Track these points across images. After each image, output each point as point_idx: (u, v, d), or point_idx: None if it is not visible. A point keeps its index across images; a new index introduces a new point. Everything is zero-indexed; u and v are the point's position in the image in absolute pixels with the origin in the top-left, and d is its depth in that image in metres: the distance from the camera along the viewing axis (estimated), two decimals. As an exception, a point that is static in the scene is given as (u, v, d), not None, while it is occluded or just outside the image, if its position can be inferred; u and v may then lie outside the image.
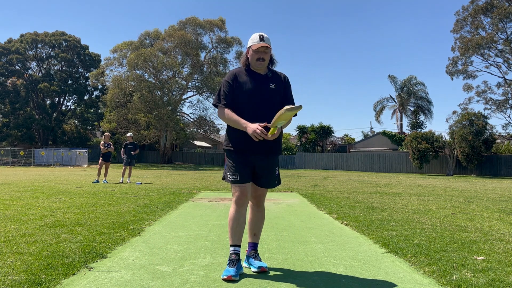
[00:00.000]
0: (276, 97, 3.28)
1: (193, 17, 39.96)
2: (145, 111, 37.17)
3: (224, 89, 3.25)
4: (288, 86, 3.41)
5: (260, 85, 3.25)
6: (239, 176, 3.20)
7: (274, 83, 3.30)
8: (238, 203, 3.21)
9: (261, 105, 3.23)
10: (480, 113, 30.85)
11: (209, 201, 8.13)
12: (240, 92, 3.23)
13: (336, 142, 46.94)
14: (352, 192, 10.77)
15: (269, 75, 3.32)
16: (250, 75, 3.29)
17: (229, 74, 3.32)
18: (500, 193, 11.61)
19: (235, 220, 3.20)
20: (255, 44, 3.21)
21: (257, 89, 3.23)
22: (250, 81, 3.25)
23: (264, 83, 3.27)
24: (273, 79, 3.32)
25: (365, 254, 3.81)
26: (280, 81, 3.34)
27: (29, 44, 47.80)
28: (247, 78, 3.26)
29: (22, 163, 36.20)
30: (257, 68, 3.27)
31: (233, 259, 3.11)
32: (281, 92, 3.32)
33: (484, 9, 33.65)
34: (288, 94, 3.38)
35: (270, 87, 3.27)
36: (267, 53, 3.24)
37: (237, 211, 3.21)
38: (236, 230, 3.20)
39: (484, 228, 5.20)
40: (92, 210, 6.30)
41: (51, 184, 12.03)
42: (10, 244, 3.84)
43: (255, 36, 3.25)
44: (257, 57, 3.22)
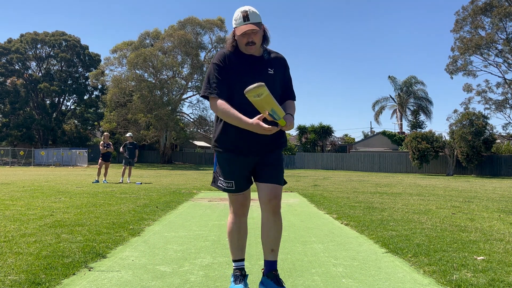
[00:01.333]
0: (276, 85, 2.65)
1: (193, 17, 39.97)
2: (145, 111, 37.18)
3: (215, 74, 2.58)
4: (288, 71, 2.81)
5: (256, 71, 2.61)
6: (234, 184, 2.66)
7: (272, 67, 2.67)
8: (237, 214, 2.76)
9: None
10: (480, 113, 30.86)
11: (209, 201, 8.13)
12: (232, 78, 2.59)
13: (336, 142, 46.97)
14: (352, 192, 10.77)
15: (265, 57, 2.67)
16: (241, 57, 2.62)
17: (218, 56, 2.63)
18: (500, 193, 11.61)
19: (235, 233, 2.75)
20: (239, 27, 2.54)
21: (253, 75, 2.57)
22: (243, 65, 2.60)
23: (260, 68, 2.63)
24: (271, 63, 2.68)
25: (365, 254, 3.81)
26: (279, 65, 2.72)
27: (29, 44, 47.81)
28: (238, 61, 2.61)
29: (22, 163, 36.19)
30: (249, 52, 2.63)
31: (238, 275, 2.71)
32: (280, 78, 2.71)
33: (483, 9, 33.66)
34: (289, 82, 2.79)
35: (268, 72, 2.63)
36: (257, 33, 2.56)
37: (237, 222, 2.76)
38: (238, 244, 2.75)
39: (484, 228, 5.19)
40: (92, 210, 6.30)
41: (51, 184, 12.02)
42: (10, 244, 3.84)
43: (238, 14, 2.57)
44: (246, 42, 2.57)
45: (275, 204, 2.64)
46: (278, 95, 2.67)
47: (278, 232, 2.69)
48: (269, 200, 2.63)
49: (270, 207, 2.63)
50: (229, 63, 2.59)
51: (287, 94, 2.78)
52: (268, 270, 2.67)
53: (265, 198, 2.63)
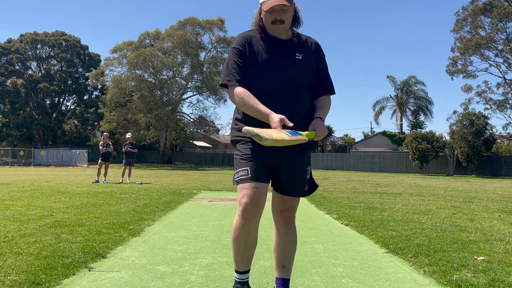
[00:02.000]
0: (305, 73, 2.30)
1: (193, 17, 39.99)
2: (145, 111, 37.18)
3: (235, 59, 2.27)
4: (323, 58, 2.40)
5: (283, 55, 2.28)
6: (249, 171, 2.21)
7: (302, 52, 2.31)
8: (246, 217, 2.20)
9: (284, 85, 2.25)
10: (481, 113, 30.87)
11: (209, 201, 8.13)
12: (253, 65, 2.27)
13: (336, 142, 47.00)
14: (352, 192, 10.77)
15: (294, 40, 2.32)
16: (266, 40, 2.29)
17: (239, 39, 2.32)
18: (500, 193, 11.61)
19: (241, 241, 2.28)
20: (266, 2, 2.20)
21: (278, 61, 2.26)
22: (268, 49, 2.27)
23: (287, 53, 2.29)
24: (300, 47, 2.32)
25: (365, 254, 3.81)
26: (310, 50, 2.34)
27: (29, 44, 47.83)
28: (262, 44, 2.28)
29: (22, 163, 36.19)
30: (276, 33, 2.29)
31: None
32: (311, 66, 2.34)
33: (483, 9, 33.67)
34: (324, 71, 2.39)
35: (296, 57, 2.29)
36: (287, 11, 2.22)
37: (245, 227, 2.23)
38: (244, 255, 2.32)
39: (484, 228, 5.19)
40: (92, 210, 6.30)
41: (51, 184, 12.02)
42: (10, 244, 3.84)
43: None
44: (272, 19, 2.22)
45: (288, 216, 2.32)
46: (309, 84, 2.33)
47: (290, 246, 2.35)
48: (281, 211, 2.33)
49: (282, 218, 2.33)
50: (250, 47, 2.27)
51: (322, 86, 2.38)
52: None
53: (277, 208, 2.34)
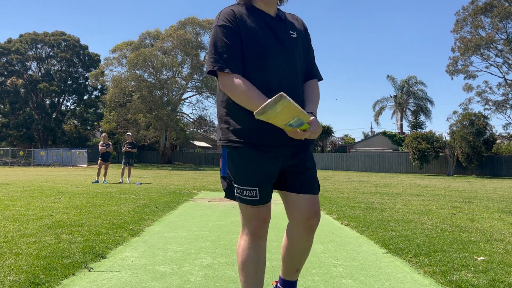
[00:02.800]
0: (300, 54, 1.99)
1: (193, 17, 40.02)
2: (144, 111, 37.18)
3: (224, 39, 1.84)
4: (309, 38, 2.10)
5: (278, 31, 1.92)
6: (259, 193, 1.90)
7: (295, 29, 1.99)
8: (258, 235, 1.97)
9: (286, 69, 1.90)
10: (481, 113, 30.88)
11: (209, 202, 8.12)
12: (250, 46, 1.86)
13: (336, 142, 47.00)
14: (352, 192, 10.77)
15: (282, 16, 1.98)
16: (257, 15, 1.90)
17: (226, 14, 1.87)
18: (501, 194, 11.61)
19: (253, 261, 1.95)
20: None
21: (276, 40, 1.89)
22: (262, 26, 1.88)
23: (282, 30, 1.94)
24: (291, 24, 1.99)
25: (365, 255, 3.80)
26: (300, 29, 2.03)
27: (29, 44, 47.84)
28: (253, 19, 1.88)
29: (22, 163, 36.19)
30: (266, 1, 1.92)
31: None
32: (305, 46, 2.04)
33: (484, 9, 33.68)
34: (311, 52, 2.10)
35: (291, 36, 1.95)
36: None
37: (257, 247, 1.96)
38: (256, 278, 1.95)
39: (484, 229, 5.19)
40: (92, 210, 6.30)
41: (51, 184, 12.02)
42: (10, 245, 3.83)
43: None
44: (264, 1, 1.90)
45: (314, 222, 1.97)
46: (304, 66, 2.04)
47: (308, 252, 2.11)
48: (308, 217, 1.96)
49: (308, 225, 1.97)
50: (241, 23, 1.85)
51: (310, 68, 2.06)
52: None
53: (303, 216, 1.96)
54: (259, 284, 1.96)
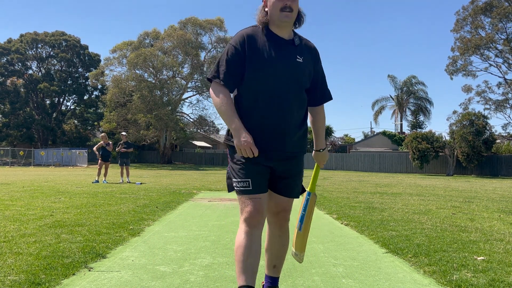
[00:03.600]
0: (305, 78, 2.23)
1: (193, 17, 40.01)
2: (145, 111, 37.18)
3: (229, 57, 2.16)
4: (320, 64, 2.34)
5: (284, 56, 2.17)
6: (251, 183, 2.17)
7: (302, 55, 2.22)
8: (251, 223, 2.17)
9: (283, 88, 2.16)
10: (480, 113, 30.88)
11: (209, 201, 8.13)
12: (255, 64, 2.15)
13: (336, 142, 46.99)
14: (352, 192, 10.77)
15: (296, 41, 2.22)
16: (269, 38, 2.18)
17: (238, 37, 2.19)
18: (500, 193, 11.61)
19: (246, 249, 2.14)
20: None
21: (278, 62, 2.15)
22: (269, 48, 2.15)
23: (288, 54, 2.18)
24: (301, 50, 2.23)
25: (365, 254, 3.81)
26: (309, 55, 2.26)
27: (29, 44, 47.84)
28: (266, 43, 2.16)
29: (22, 163, 36.19)
30: (283, 24, 2.17)
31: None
32: (310, 71, 2.27)
33: (484, 9, 33.67)
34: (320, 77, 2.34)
35: (297, 60, 2.19)
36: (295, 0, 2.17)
37: (250, 234, 2.16)
38: (248, 264, 2.12)
39: (484, 228, 5.19)
40: (92, 210, 6.30)
41: (51, 184, 12.02)
42: (10, 244, 3.84)
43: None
44: (282, 5, 2.13)
45: (283, 217, 2.35)
46: (305, 88, 2.27)
47: (283, 248, 2.38)
48: (277, 212, 2.33)
49: (278, 220, 2.34)
50: (250, 46, 2.15)
51: (320, 94, 2.37)
52: (268, 285, 2.41)
53: (273, 210, 2.33)
54: (251, 270, 2.12)
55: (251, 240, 2.15)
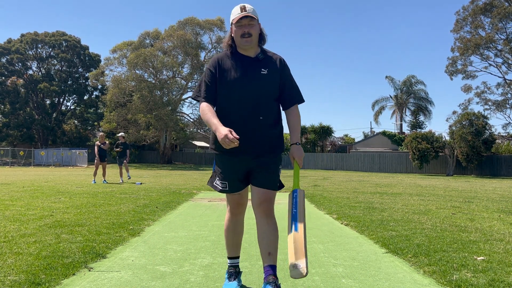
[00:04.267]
0: (270, 86, 2.65)
1: (193, 17, 39.99)
2: (145, 111, 37.17)
3: (206, 79, 2.67)
4: (287, 72, 2.72)
5: (248, 71, 2.61)
6: (228, 185, 2.71)
7: (267, 67, 2.64)
8: (234, 213, 2.83)
9: (250, 97, 2.59)
10: (480, 113, 30.88)
11: (209, 201, 8.13)
12: (223, 81, 2.63)
13: (336, 142, 47.00)
14: (352, 192, 10.77)
15: (260, 57, 2.66)
16: (235, 58, 2.66)
17: (212, 61, 2.70)
18: (500, 193, 11.61)
19: (231, 230, 2.84)
20: (235, 17, 2.58)
21: (244, 77, 2.60)
22: (236, 67, 2.62)
23: (253, 69, 2.62)
24: (265, 63, 2.65)
25: (365, 254, 3.81)
26: (274, 66, 2.67)
27: (29, 44, 47.83)
28: (231, 63, 2.64)
29: (22, 163, 36.19)
30: (245, 47, 2.62)
31: (232, 272, 2.82)
32: (276, 80, 2.66)
33: (483, 9, 33.67)
34: (288, 83, 2.71)
35: (261, 72, 2.62)
36: (254, 25, 2.59)
37: (232, 220, 2.84)
38: (233, 241, 2.86)
39: (484, 228, 5.19)
40: (92, 210, 6.30)
41: (51, 184, 12.02)
42: (10, 244, 3.84)
43: (236, 8, 2.62)
44: (241, 33, 2.58)
45: (266, 207, 2.65)
46: (273, 95, 2.67)
47: (273, 234, 2.65)
48: (259, 203, 2.65)
49: (261, 210, 2.66)
50: (220, 67, 2.65)
51: (289, 96, 2.73)
52: (268, 275, 2.55)
53: (256, 202, 2.67)
54: (236, 245, 2.87)
55: (235, 224, 2.84)
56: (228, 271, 2.84)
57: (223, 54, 2.72)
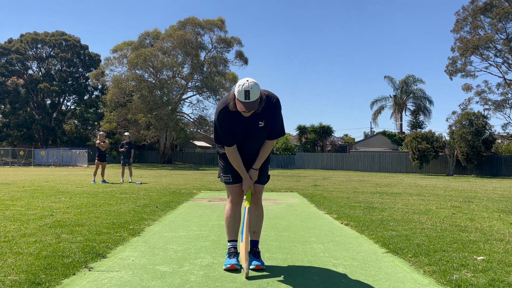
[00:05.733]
0: (264, 133, 3.29)
1: (193, 17, 39.98)
2: (145, 111, 37.18)
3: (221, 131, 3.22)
4: (275, 117, 3.24)
5: (250, 125, 3.20)
6: (231, 177, 3.38)
7: (264, 119, 3.20)
8: (233, 202, 3.42)
9: (249, 143, 3.31)
10: (480, 113, 30.87)
11: (209, 201, 8.13)
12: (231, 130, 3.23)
13: (336, 142, 46.97)
14: (352, 192, 10.77)
15: (258, 111, 3.10)
16: (238, 116, 3.16)
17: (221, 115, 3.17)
18: (500, 193, 11.62)
19: (231, 218, 3.40)
20: (239, 104, 3.01)
21: (247, 129, 3.22)
22: (239, 123, 3.18)
23: (253, 122, 3.20)
24: (262, 115, 3.17)
25: (365, 254, 3.81)
26: (269, 115, 3.20)
27: (29, 44, 47.82)
28: (236, 118, 3.17)
29: (22, 163, 36.20)
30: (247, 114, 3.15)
31: (232, 252, 3.33)
32: (270, 125, 3.26)
33: (483, 9, 33.65)
34: (274, 126, 3.28)
35: (259, 125, 3.21)
36: (254, 108, 3.05)
37: (233, 209, 3.41)
38: (233, 227, 3.40)
39: (484, 228, 5.20)
40: (92, 210, 6.30)
41: (51, 184, 12.03)
42: (10, 244, 3.84)
43: (240, 88, 2.98)
44: (243, 112, 3.09)
45: (256, 198, 3.44)
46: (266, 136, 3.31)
47: (259, 218, 3.45)
48: (253, 193, 3.43)
49: (252, 199, 3.42)
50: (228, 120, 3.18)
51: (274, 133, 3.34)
52: (251, 247, 3.37)
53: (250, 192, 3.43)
54: (235, 230, 3.41)
55: (235, 212, 3.41)
56: (228, 252, 3.36)
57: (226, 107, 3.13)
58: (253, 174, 3.36)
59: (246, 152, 3.36)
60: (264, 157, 3.39)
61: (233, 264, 3.19)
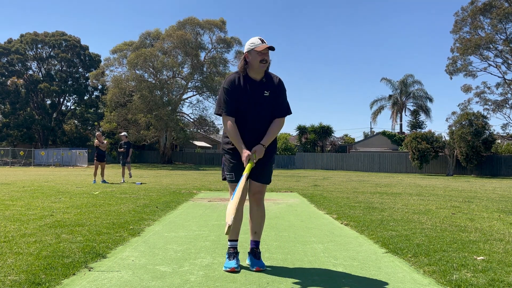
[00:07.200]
0: (269, 104, 3.33)
1: (192, 17, 39.99)
2: (145, 111, 37.18)
3: (226, 96, 3.28)
4: (281, 91, 3.37)
5: (256, 93, 3.28)
6: (234, 176, 3.36)
7: (269, 89, 3.31)
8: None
9: (253, 113, 3.30)
10: (480, 113, 30.87)
11: (209, 201, 8.13)
12: (238, 100, 3.27)
13: (336, 142, 46.93)
14: (352, 192, 10.77)
15: (264, 80, 3.31)
16: (247, 82, 3.30)
17: (228, 81, 3.32)
18: (500, 193, 11.62)
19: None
20: (259, 46, 3.21)
21: (252, 98, 3.27)
22: (247, 89, 3.28)
23: (259, 90, 3.29)
24: (267, 85, 3.32)
25: (365, 254, 3.81)
26: (273, 87, 3.34)
27: (29, 44, 47.83)
28: (244, 85, 3.29)
29: (22, 163, 36.20)
30: (259, 71, 3.26)
31: (231, 253, 3.32)
32: (274, 98, 3.34)
33: (483, 9, 33.64)
34: (279, 101, 3.37)
35: (264, 94, 3.30)
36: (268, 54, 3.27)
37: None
38: (234, 226, 3.33)
39: (484, 228, 5.20)
40: (92, 210, 6.31)
41: (51, 184, 12.03)
42: (10, 244, 3.84)
43: (255, 39, 3.27)
44: (261, 59, 3.21)
45: (258, 198, 3.42)
46: (271, 110, 3.34)
47: (260, 219, 3.42)
48: (254, 193, 3.40)
49: (254, 199, 3.41)
50: (236, 86, 3.28)
51: (280, 109, 3.40)
52: (251, 247, 3.39)
53: (251, 192, 3.41)
54: (236, 230, 3.38)
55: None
56: (228, 252, 3.34)
57: (236, 75, 3.32)
58: (259, 150, 3.25)
59: (252, 126, 3.30)
60: (274, 135, 3.35)
61: (233, 268, 3.18)
